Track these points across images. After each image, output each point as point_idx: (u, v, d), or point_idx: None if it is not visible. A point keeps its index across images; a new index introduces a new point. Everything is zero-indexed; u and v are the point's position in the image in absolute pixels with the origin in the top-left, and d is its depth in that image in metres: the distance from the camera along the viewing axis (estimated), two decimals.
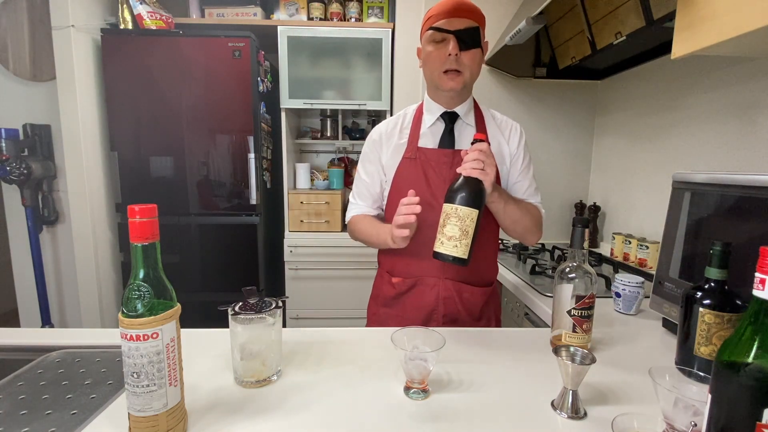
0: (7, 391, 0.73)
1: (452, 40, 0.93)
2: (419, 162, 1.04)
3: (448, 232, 0.82)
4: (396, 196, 1.02)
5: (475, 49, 0.96)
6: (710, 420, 0.46)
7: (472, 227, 0.82)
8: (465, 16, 0.94)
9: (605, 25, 1.51)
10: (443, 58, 0.96)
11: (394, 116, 1.13)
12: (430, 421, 0.62)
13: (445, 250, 0.82)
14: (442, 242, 0.83)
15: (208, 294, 2.04)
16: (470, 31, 0.95)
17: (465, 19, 0.94)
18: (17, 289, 2.19)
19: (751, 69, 1.25)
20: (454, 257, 0.82)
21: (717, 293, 0.71)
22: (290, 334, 0.92)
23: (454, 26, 0.94)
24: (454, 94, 1.00)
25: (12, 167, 1.88)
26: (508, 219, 0.99)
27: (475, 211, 0.82)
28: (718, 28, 0.87)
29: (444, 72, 0.97)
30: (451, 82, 0.97)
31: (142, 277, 0.54)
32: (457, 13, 0.93)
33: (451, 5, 0.94)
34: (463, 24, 0.94)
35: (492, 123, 1.08)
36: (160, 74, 1.90)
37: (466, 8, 0.95)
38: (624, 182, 1.90)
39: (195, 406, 0.64)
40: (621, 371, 0.77)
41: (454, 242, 0.82)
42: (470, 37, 0.95)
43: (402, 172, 1.05)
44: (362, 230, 1.08)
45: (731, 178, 0.83)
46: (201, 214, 2.00)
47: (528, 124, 2.17)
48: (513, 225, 1.01)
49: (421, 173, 1.03)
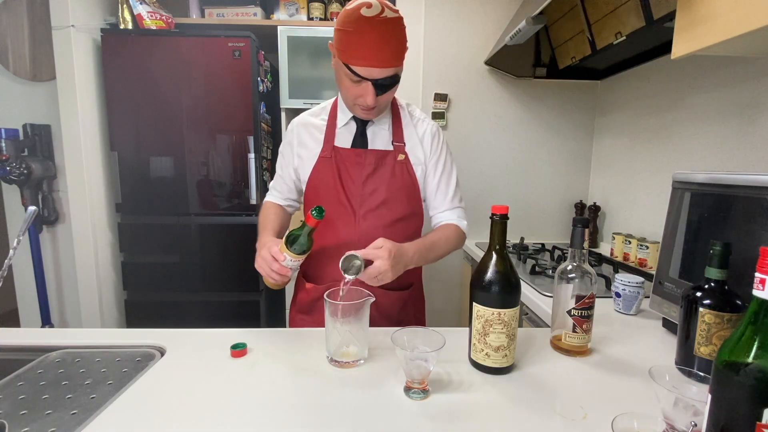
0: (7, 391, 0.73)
1: (370, 90, 0.88)
2: (334, 161, 1.00)
3: (494, 342, 0.72)
4: (312, 195, 1.03)
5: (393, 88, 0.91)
6: (710, 420, 0.46)
7: (516, 326, 0.73)
8: (387, 65, 0.86)
9: (605, 25, 1.51)
10: (357, 96, 0.91)
11: (313, 109, 1.09)
12: (430, 421, 0.62)
13: (494, 363, 0.73)
14: (488, 354, 0.73)
15: (208, 294, 2.04)
16: (391, 77, 0.88)
17: (386, 68, 0.86)
18: (17, 289, 2.19)
19: (751, 69, 1.25)
20: (502, 368, 0.74)
21: (717, 293, 0.71)
22: (291, 333, 0.92)
23: (373, 75, 0.86)
24: None
25: (12, 167, 1.88)
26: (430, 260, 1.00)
27: (518, 309, 0.73)
28: (718, 28, 0.87)
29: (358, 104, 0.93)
30: (364, 113, 0.96)
31: (303, 240, 0.84)
32: (379, 64, 0.85)
33: (372, 55, 0.84)
34: (384, 73, 0.86)
35: (409, 123, 1.05)
36: (160, 74, 1.90)
37: (390, 57, 0.85)
38: (624, 182, 1.90)
39: None
40: (621, 371, 0.77)
41: (503, 352, 0.72)
42: (390, 81, 0.89)
43: (318, 171, 1.02)
44: (260, 220, 1.07)
45: (731, 178, 0.83)
46: (201, 214, 2.00)
47: (528, 124, 2.17)
48: (435, 259, 1.01)
49: (336, 172, 1.00)
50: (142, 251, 2.01)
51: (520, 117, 2.16)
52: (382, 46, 0.84)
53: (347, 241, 0.99)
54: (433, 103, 2.11)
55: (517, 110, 2.16)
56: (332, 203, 0.99)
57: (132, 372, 0.80)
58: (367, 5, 0.81)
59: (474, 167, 2.17)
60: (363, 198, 1.00)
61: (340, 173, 1.00)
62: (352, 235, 0.99)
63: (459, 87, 2.12)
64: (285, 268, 0.85)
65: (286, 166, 1.09)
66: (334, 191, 1.00)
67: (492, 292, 0.72)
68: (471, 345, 0.76)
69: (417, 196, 1.05)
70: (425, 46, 2.07)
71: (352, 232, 1.00)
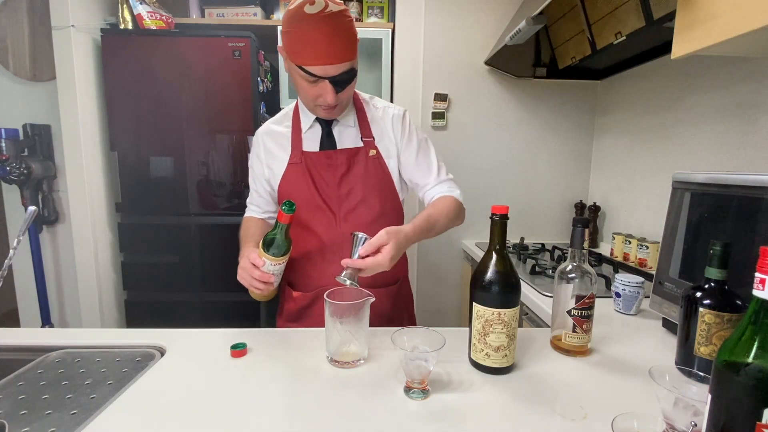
0: (7, 391, 0.73)
1: (329, 89, 0.85)
2: (305, 166, 0.98)
3: (494, 342, 0.72)
4: None
5: (351, 82, 0.89)
6: (710, 420, 0.46)
7: (516, 326, 0.73)
8: (341, 60, 0.83)
9: (605, 25, 1.51)
10: (317, 96, 0.89)
11: (275, 117, 1.07)
12: (430, 421, 0.62)
13: (494, 363, 0.73)
14: (488, 354, 0.73)
15: (208, 294, 2.04)
16: (347, 72, 0.86)
17: (340, 64, 0.84)
18: (17, 289, 2.19)
19: (751, 69, 1.25)
20: (502, 368, 0.74)
21: (717, 293, 0.71)
22: (291, 333, 0.92)
23: (329, 73, 0.84)
24: None
25: (12, 167, 1.88)
26: (431, 236, 0.95)
27: (518, 309, 0.73)
28: (718, 28, 0.87)
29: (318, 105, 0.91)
30: (326, 113, 0.94)
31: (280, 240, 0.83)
32: (332, 60, 0.82)
33: (323, 52, 0.81)
34: (339, 69, 0.84)
35: (375, 116, 1.03)
36: (160, 74, 1.90)
37: (342, 51, 0.83)
38: (624, 182, 1.90)
39: None
40: (621, 371, 0.77)
41: (502, 352, 0.72)
42: (347, 76, 0.87)
43: (288, 178, 1.00)
44: (240, 235, 1.03)
45: (731, 178, 0.83)
46: (201, 214, 2.00)
47: (528, 124, 2.17)
48: (437, 234, 0.97)
49: (308, 177, 0.98)
50: (142, 251, 2.01)
51: (520, 117, 2.16)
52: (332, 41, 0.81)
53: (330, 244, 0.97)
54: (433, 103, 2.11)
55: (517, 110, 2.16)
56: (310, 209, 0.98)
57: (132, 372, 0.80)
58: (309, 2, 0.79)
59: (474, 167, 2.16)
60: (340, 199, 0.99)
61: (313, 177, 0.98)
62: (335, 237, 0.98)
63: (459, 87, 2.12)
64: (267, 275, 0.83)
65: (258, 179, 1.06)
66: (309, 196, 0.98)
67: (492, 292, 0.72)
68: (471, 345, 0.76)
69: (394, 191, 1.03)
70: (425, 46, 2.06)
71: (334, 235, 0.98)
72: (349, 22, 0.84)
